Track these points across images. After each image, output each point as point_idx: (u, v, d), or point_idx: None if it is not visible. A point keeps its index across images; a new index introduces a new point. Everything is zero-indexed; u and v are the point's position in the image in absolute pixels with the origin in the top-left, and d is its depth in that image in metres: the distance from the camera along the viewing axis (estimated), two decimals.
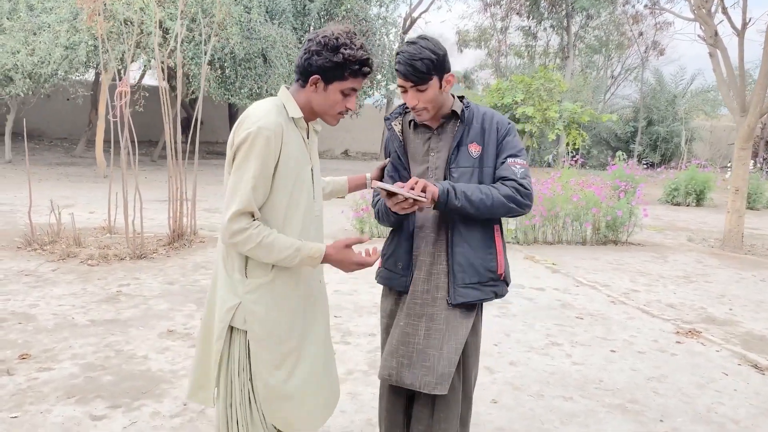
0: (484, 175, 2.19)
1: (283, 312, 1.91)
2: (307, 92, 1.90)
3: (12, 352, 3.66)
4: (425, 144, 2.27)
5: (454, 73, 2.69)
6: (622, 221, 8.12)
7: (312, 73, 1.85)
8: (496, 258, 2.22)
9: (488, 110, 2.28)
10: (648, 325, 4.88)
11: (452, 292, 2.19)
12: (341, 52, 1.82)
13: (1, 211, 8.00)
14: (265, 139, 1.77)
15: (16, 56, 11.08)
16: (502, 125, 2.24)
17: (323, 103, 1.90)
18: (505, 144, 2.22)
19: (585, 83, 21.95)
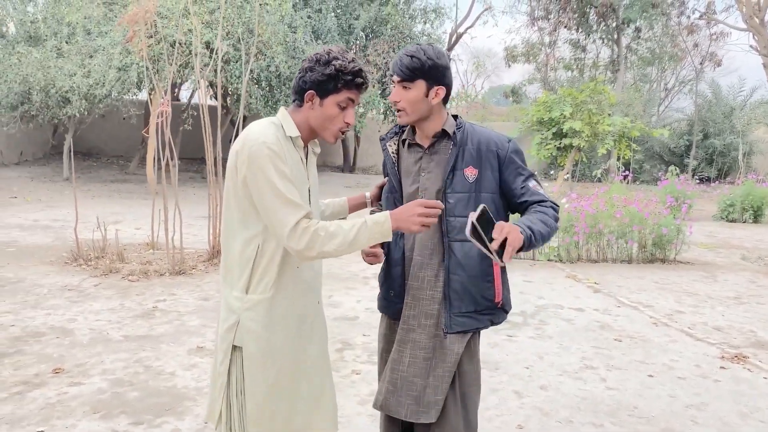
0: (481, 200, 2.08)
1: (278, 331, 1.90)
2: (304, 111, 1.91)
3: (47, 366, 3.77)
4: (417, 163, 2.21)
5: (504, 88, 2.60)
6: (668, 239, 7.83)
7: (307, 89, 1.87)
8: (494, 286, 2.15)
9: (484, 131, 2.20)
10: (691, 349, 4.66)
11: (447, 321, 2.13)
12: (333, 64, 1.84)
13: (53, 227, 8.32)
14: (269, 150, 1.78)
15: (72, 78, 11.57)
16: (502, 147, 2.14)
17: (321, 119, 1.90)
18: (515, 167, 2.14)
19: (637, 96, 21.43)
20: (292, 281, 1.90)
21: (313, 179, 2.02)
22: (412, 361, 2.15)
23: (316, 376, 2.00)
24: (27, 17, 13.87)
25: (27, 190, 12.14)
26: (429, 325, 2.15)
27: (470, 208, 2.07)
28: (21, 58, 12.15)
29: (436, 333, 2.14)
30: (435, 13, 17.66)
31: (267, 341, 1.87)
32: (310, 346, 1.99)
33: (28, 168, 15.57)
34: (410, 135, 2.24)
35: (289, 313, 1.91)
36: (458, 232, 2.08)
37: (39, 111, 12.73)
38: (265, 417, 1.89)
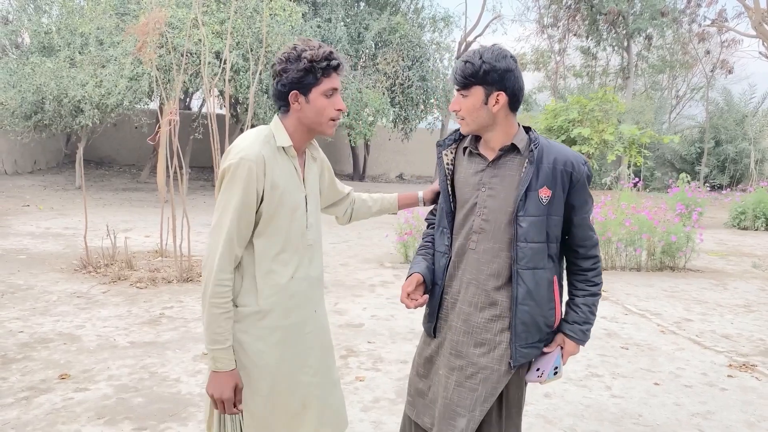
0: (551, 224, 1.96)
1: (271, 343, 1.89)
2: (293, 114, 1.89)
3: (53, 372, 3.80)
4: (477, 175, 2.01)
5: None
6: (677, 246, 7.77)
7: (288, 92, 1.85)
8: (555, 312, 2.03)
9: (561, 148, 2.01)
10: (698, 357, 4.62)
11: (514, 354, 1.97)
12: (304, 57, 1.81)
13: (64, 235, 8.40)
14: (247, 170, 1.77)
15: (84, 88, 11.71)
16: (578, 170, 1.96)
17: (312, 115, 1.87)
18: (581, 194, 1.99)
19: (649, 103, 21.35)
20: (284, 293, 1.90)
21: (311, 186, 2.00)
22: (457, 389, 2.02)
23: (318, 386, 1.99)
24: (41, 28, 14.06)
25: (40, 198, 12.27)
26: (478, 354, 2.00)
27: (542, 232, 1.95)
28: (34, 68, 12.31)
29: (486, 365, 1.99)
30: (444, 21, 17.73)
31: (258, 353, 1.87)
32: (309, 357, 1.98)
33: (42, 177, 15.74)
34: (473, 143, 2.06)
35: (282, 324, 1.90)
36: (529, 260, 1.94)
37: (52, 120, 12.87)
38: (261, 426, 1.90)
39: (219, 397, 1.84)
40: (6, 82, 12.99)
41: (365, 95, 14.61)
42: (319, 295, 2.06)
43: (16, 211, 10.47)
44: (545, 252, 1.97)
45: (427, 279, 2.11)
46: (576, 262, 2.07)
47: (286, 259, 1.90)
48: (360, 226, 10.51)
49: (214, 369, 1.84)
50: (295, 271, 1.92)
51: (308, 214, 1.97)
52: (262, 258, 1.86)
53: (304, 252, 1.95)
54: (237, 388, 1.86)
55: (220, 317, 1.80)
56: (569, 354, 2.09)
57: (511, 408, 2.07)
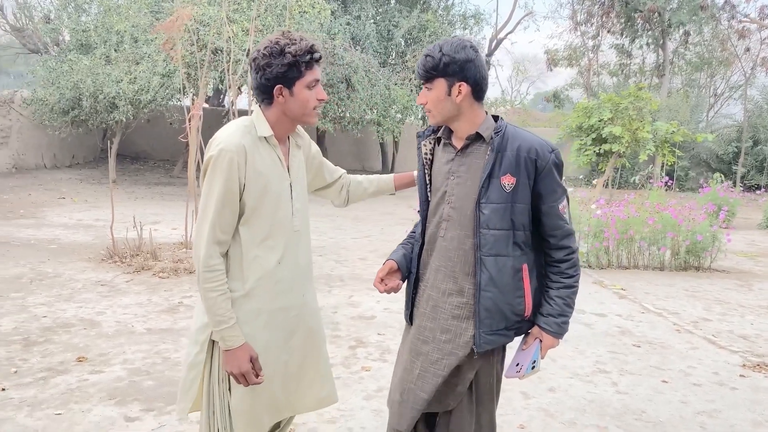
0: (516, 212, 1.96)
1: (257, 326, 1.96)
2: (276, 106, 1.93)
3: (72, 355, 3.97)
4: (447, 164, 2.06)
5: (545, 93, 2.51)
6: (703, 246, 7.64)
7: (272, 86, 1.88)
8: (524, 300, 2.04)
9: (527, 135, 2.02)
10: (711, 357, 4.57)
11: (478, 340, 2.00)
12: (287, 51, 1.84)
13: (95, 226, 8.67)
14: (227, 162, 1.83)
15: (119, 84, 12.04)
16: (543, 157, 1.96)
17: (297, 107, 1.92)
18: (549, 182, 1.98)
19: (685, 102, 20.89)
20: (270, 278, 1.96)
21: (296, 174, 2.05)
22: (422, 375, 2.06)
23: (296, 363, 2.07)
24: (80, 26, 14.49)
25: (75, 191, 12.66)
26: (444, 341, 2.04)
27: (506, 219, 1.96)
28: (72, 65, 12.70)
29: (451, 351, 2.03)
30: (474, 18, 17.66)
31: (246, 336, 1.94)
32: (293, 339, 2.05)
33: (79, 170, 16.22)
34: (446, 133, 2.11)
35: (267, 308, 1.97)
36: (492, 247, 1.96)
37: (88, 116, 13.26)
38: (246, 404, 1.97)
39: (238, 371, 1.90)
40: (46, 79, 13.44)
41: (393, 92, 14.65)
42: (308, 280, 2.12)
43: (52, 203, 10.83)
44: (509, 239, 1.98)
45: (402, 266, 2.18)
46: (549, 252, 2.08)
47: (272, 245, 1.95)
48: (383, 222, 10.58)
49: (226, 348, 1.90)
50: (281, 256, 1.97)
51: (293, 200, 2.01)
52: (249, 244, 1.92)
53: (290, 238, 2.00)
54: (253, 359, 1.92)
55: (218, 299, 1.87)
56: (547, 347, 2.12)
57: (482, 395, 2.12)
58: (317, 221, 10.42)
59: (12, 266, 6.14)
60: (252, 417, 1.99)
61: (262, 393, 1.99)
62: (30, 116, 14.57)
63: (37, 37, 18.81)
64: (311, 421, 3.23)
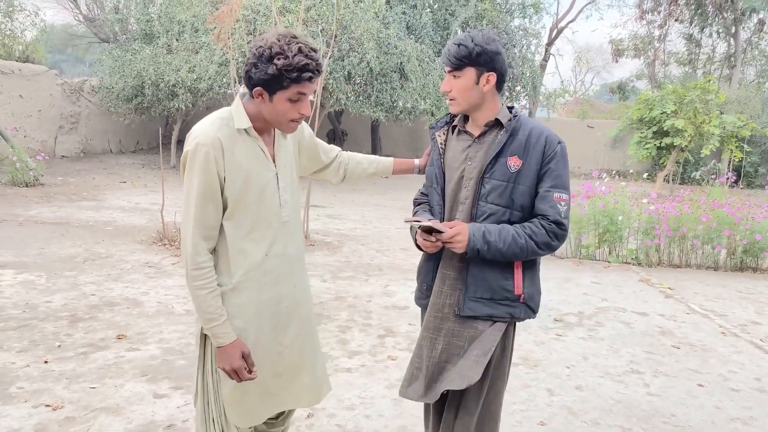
0: (517, 192, 2.07)
1: (247, 318, 1.96)
2: (256, 103, 1.88)
3: (113, 332, 4.16)
4: (464, 152, 2.16)
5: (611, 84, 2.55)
6: (761, 246, 7.28)
7: (254, 85, 1.83)
8: (513, 277, 2.11)
9: (538, 125, 2.14)
10: (756, 362, 4.37)
11: (461, 303, 2.13)
12: (274, 63, 1.77)
13: (151, 210, 9.00)
14: (203, 155, 1.79)
15: (178, 73, 12.42)
16: (551, 144, 2.08)
17: (272, 113, 1.87)
18: (552, 169, 2.07)
19: (757, 94, 19.85)
20: (258, 270, 1.95)
21: (283, 164, 2.02)
22: (446, 348, 2.16)
23: (290, 356, 2.08)
24: (144, 16, 15.02)
25: (136, 175, 13.18)
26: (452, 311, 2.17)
27: (505, 197, 2.07)
28: (135, 54, 13.17)
29: (466, 321, 2.14)
30: (533, 8, 17.28)
31: (237, 330, 1.94)
32: (287, 330, 2.06)
33: (143, 156, 16.86)
34: (461, 122, 2.21)
35: (255, 300, 1.96)
36: (486, 218, 2.08)
37: (151, 103, 13.75)
38: (237, 395, 2.00)
39: (230, 368, 1.89)
40: (111, 67, 14.01)
41: None
42: (299, 270, 2.10)
43: (113, 187, 11.31)
44: (506, 217, 2.09)
45: None
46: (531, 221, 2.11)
47: (258, 238, 1.94)
48: None
49: (218, 345, 1.90)
50: (269, 248, 1.96)
51: (280, 191, 1.99)
52: (234, 238, 1.90)
53: (278, 229, 1.98)
54: (245, 355, 1.91)
55: (207, 297, 1.86)
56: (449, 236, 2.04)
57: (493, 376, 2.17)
58: (364, 210, 10.51)
59: (69, 246, 6.46)
60: (245, 408, 2.01)
61: (253, 385, 2.01)
62: (98, 103, 15.23)
63: (107, 27, 19.62)
64: (330, 407, 3.28)
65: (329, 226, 8.70)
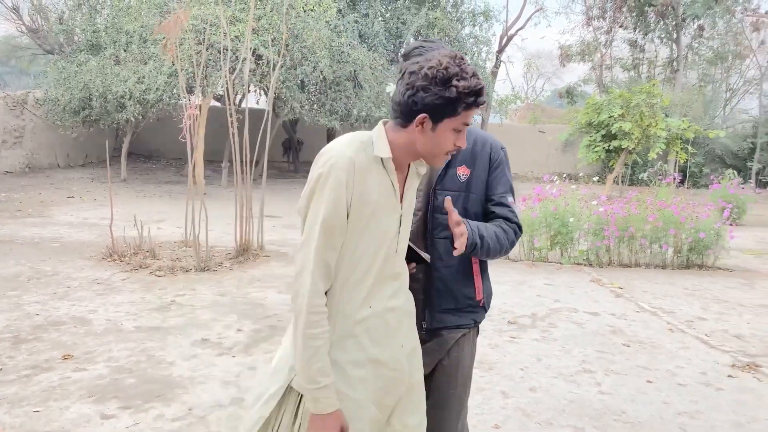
0: (469, 201, 2.07)
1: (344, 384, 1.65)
2: (409, 132, 1.63)
3: (58, 353, 4.02)
4: None
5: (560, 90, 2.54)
6: (705, 244, 7.54)
7: (417, 111, 1.59)
8: (474, 283, 2.12)
9: (482, 132, 2.16)
10: (701, 356, 4.51)
11: (429, 319, 2.07)
12: (453, 84, 1.56)
13: (100, 225, 8.77)
14: (335, 179, 1.56)
15: (126, 84, 12.17)
16: (495, 151, 2.11)
17: (431, 145, 1.64)
18: (501, 175, 2.10)
19: (699, 97, 20.60)
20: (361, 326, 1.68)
21: (408, 206, 1.79)
22: None
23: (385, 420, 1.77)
24: (90, 27, 14.68)
25: (86, 190, 12.83)
26: None
27: (458, 207, 2.01)
28: (81, 65, 12.86)
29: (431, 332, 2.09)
30: (483, 16, 17.55)
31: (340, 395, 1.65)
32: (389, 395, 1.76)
33: (92, 170, 16.44)
34: None
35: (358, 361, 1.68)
36: (443, 230, 2.03)
37: (99, 116, 13.43)
38: None
39: None
40: (56, 79, 13.63)
41: None
42: (408, 328, 1.81)
43: (60, 202, 10.98)
44: None
45: None
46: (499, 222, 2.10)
47: (365, 287, 1.66)
48: None
49: (316, 411, 1.58)
50: (378, 301, 1.69)
51: (400, 236, 1.73)
52: (341, 284, 1.64)
53: (387, 280, 1.71)
54: (344, 430, 1.61)
55: (320, 350, 1.56)
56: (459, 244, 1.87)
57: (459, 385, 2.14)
58: None
59: (12, 265, 6.24)
60: None
61: None
62: (43, 116, 14.80)
63: (51, 38, 19.09)
64: None
65: (285, 236, 8.63)
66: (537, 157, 20.04)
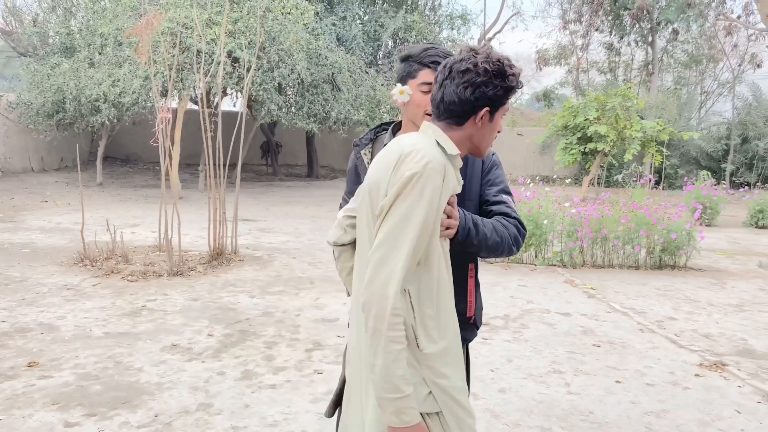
0: (465, 207, 1.93)
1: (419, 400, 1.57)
2: (466, 129, 1.67)
3: (23, 360, 3.96)
4: None
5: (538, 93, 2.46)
6: (677, 244, 7.64)
7: (480, 107, 1.64)
8: (466, 299, 1.99)
9: None
10: (670, 356, 4.57)
11: None
12: (510, 74, 1.64)
13: (73, 230, 8.65)
14: (434, 180, 1.53)
15: (100, 87, 12.04)
16: (487, 156, 2.06)
17: (487, 135, 1.70)
18: (495, 177, 2.05)
19: (674, 99, 20.88)
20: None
21: None
22: None
23: None
24: (64, 29, 14.50)
25: (60, 194, 12.66)
26: None
27: None
28: (53, 68, 12.69)
29: None
30: (461, 19, 17.67)
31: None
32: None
33: (67, 174, 16.21)
34: (391, 138, 2.06)
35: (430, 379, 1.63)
36: None
37: (73, 119, 13.27)
38: None
39: None
40: (30, 82, 13.44)
41: (380, 93, 14.66)
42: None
43: (33, 207, 10.82)
44: None
45: None
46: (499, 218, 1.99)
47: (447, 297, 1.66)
48: None
49: (400, 425, 1.48)
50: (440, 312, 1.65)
51: None
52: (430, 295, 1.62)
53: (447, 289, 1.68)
54: None
55: (400, 355, 1.48)
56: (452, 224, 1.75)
57: None
58: (299, 223, 10.42)
59: None
60: None
61: None
62: (16, 120, 14.58)
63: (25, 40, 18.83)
64: (253, 425, 3.23)
65: (260, 240, 8.58)
66: (515, 159, 20.14)
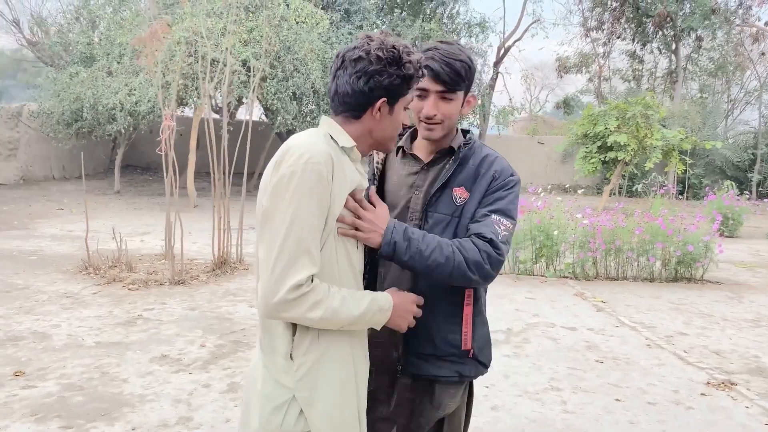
0: (460, 228, 1.78)
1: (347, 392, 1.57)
2: (364, 123, 1.57)
3: (10, 369, 3.93)
4: (410, 177, 1.86)
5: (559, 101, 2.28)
6: (694, 257, 7.39)
7: (376, 98, 1.52)
8: (461, 330, 1.80)
9: (493, 153, 1.86)
10: (676, 374, 4.37)
11: (403, 361, 1.81)
12: (406, 61, 1.52)
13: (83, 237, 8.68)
14: (316, 174, 1.43)
15: (116, 96, 12.17)
16: (502, 175, 1.80)
17: (389, 129, 1.60)
18: (497, 197, 1.78)
19: (701, 108, 20.46)
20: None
21: None
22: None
23: None
24: (84, 39, 14.73)
25: (77, 202, 12.79)
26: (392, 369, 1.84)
27: (448, 234, 1.76)
28: (72, 77, 12.87)
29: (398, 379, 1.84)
30: (480, 27, 17.53)
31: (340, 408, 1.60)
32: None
33: (87, 182, 16.37)
34: (408, 143, 1.92)
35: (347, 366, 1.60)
36: None
37: (91, 127, 13.43)
38: None
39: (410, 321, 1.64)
40: (49, 91, 13.66)
41: None
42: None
43: (49, 215, 10.94)
44: None
45: None
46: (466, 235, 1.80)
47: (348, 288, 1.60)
48: None
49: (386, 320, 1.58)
50: None
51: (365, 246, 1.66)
52: None
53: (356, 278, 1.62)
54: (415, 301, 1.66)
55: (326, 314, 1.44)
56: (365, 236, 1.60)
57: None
58: None
59: None
60: None
61: None
62: (37, 129, 14.81)
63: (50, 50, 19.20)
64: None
65: None
66: (536, 168, 19.93)
